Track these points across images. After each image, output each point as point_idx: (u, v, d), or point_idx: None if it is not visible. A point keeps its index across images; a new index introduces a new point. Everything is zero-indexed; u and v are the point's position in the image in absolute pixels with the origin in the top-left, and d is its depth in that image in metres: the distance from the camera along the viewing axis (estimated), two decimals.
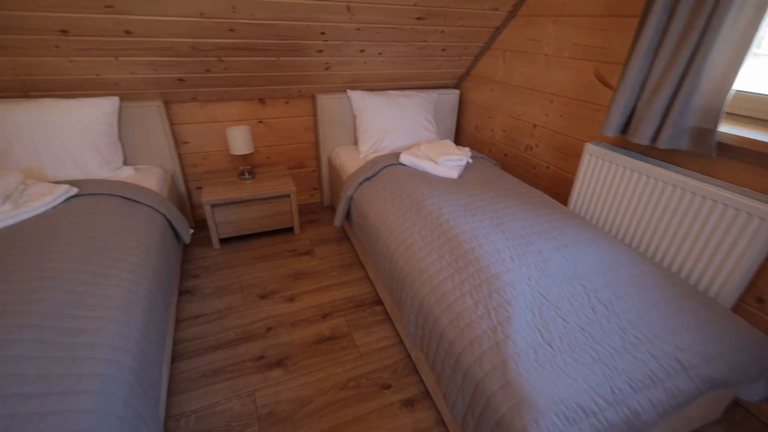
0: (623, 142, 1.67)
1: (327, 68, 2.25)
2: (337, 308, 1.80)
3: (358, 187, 2.00)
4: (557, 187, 2.07)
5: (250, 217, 2.23)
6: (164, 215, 1.73)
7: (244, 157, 2.28)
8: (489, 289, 1.16)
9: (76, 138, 1.79)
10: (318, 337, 1.63)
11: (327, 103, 2.42)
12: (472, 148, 2.73)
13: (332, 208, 2.75)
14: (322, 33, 1.97)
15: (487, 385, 0.96)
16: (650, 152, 1.57)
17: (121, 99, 2.01)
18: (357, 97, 2.39)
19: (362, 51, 2.19)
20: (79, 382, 0.87)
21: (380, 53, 2.25)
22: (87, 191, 1.60)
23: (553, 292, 1.15)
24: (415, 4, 1.92)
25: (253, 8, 1.71)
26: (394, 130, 2.37)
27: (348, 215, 2.10)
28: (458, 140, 2.92)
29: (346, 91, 2.47)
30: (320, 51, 2.09)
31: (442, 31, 2.18)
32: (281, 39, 1.93)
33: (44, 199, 1.46)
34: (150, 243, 1.48)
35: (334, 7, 1.82)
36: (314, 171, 2.76)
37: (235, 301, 1.82)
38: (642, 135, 1.40)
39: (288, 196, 2.25)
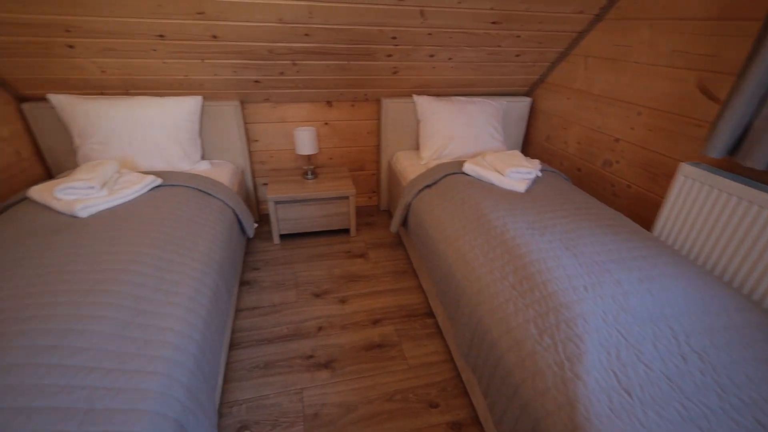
0: (729, 165, 1.45)
1: (395, 72, 2.24)
2: (387, 315, 1.77)
3: (417, 194, 1.96)
4: (640, 210, 1.86)
5: (310, 215, 2.29)
6: (233, 209, 1.84)
7: (308, 157, 2.35)
8: (557, 319, 1.06)
9: (164, 133, 1.96)
10: (367, 343, 1.62)
11: (392, 107, 2.41)
12: (541, 160, 2.56)
13: (389, 213, 2.75)
14: (393, 37, 1.96)
15: (549, 426, 0.87)
16: (764, 178, 1.34)
17: (204, 98, 2.17)
18: (423, 102, 2.36)
19: (432, 56, 2.15)
20: (150, 364, 0.93)
21: (450, 58, 2.19)
22: (169, 182, 1.74)
23: (634, 332, 1.02)
24: (491, 8, 1.84)
25: (329, 14, 1.74)
26: (458, 137, 2.30)
27: (405, 222, 2.07)
28: (527, 151, 2.76)
29: (411, 96, 2.44)
30: (389, 55, 2.09)
31: (518, 36, 2.07)
32: (353, 43, 1.95)
33: (134, 188, 1.61)
34: (219, 235, 1.56)
35: (408, 12, 1.80)
36: (374, 174, 2.77)
37: (290, 297, 1.87)
38: (758, 158, 1.19)
39: (347, 197, 2.28)
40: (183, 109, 2.01)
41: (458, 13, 1.85)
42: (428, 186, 1.96)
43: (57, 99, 1.88)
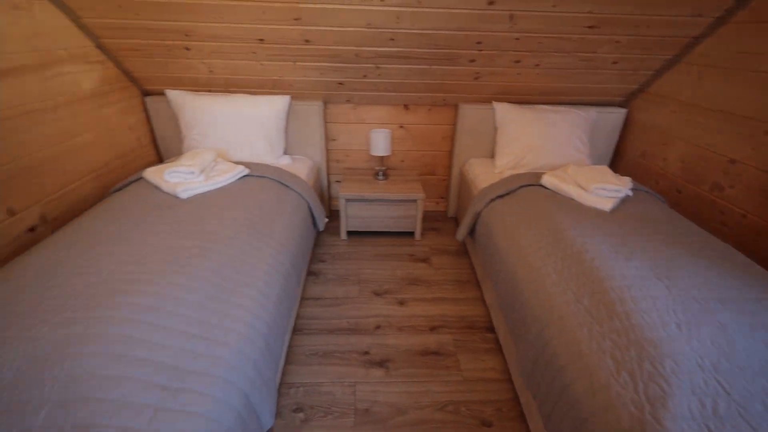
0: None
1: (476, 78, 2.20)
2: (446, 324, 1.74)
3: (489, 203, 1.89)
4: (756, 245, 1.59)
5: (378, 215, 2.33)
6: (308, 202, 1.94)
7: (381, 159, 2.41)
8: (639, 355, 0.95)
9: (255, 128, 2.15)
10: (423, 348, 1.61)
11: (469, 113, 2.36)
12: (633, 178, 2.31)
13: (456, 220, 2.69)
14: (478, 42, 1.92)
15: None
16: None
17: (292, 98, 2.33)
18: (503, 109, 2.27)
19: (517, 62, 2.06)
20: (226, 336, 1.02)
21: (537, 64, 2.08)
22: (255, 173, 1.90)
23: (739, 385, 0.87)
24: (589, 12, 1.72)
25: (416, 19, 1.77)
26: (538, 147, 2.17)
27: (472, 231, 2.02)
28: (616, 167, 2.52)
29: (491, 102, 2.37)
30: (473, 60, 2.05)
31: (618, 42, 1.90)
32: (436, 48, 1.95)
33: (226, 176, 1.78)
34: (293, 225, 1.67)
35: (497, 16, 1.75)
36: (444, 180, 2.74)
37: (352, 292, 1.93)
38: None
39: (415, 201, 2.29)
40: (273, 107, 2.18)
41: (551, 17, 1.75)
42: (501, 196, 1.88)
43: (172, 94, 2.16)
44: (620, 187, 1.72)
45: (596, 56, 2.01)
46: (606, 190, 1.71)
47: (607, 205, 1.65)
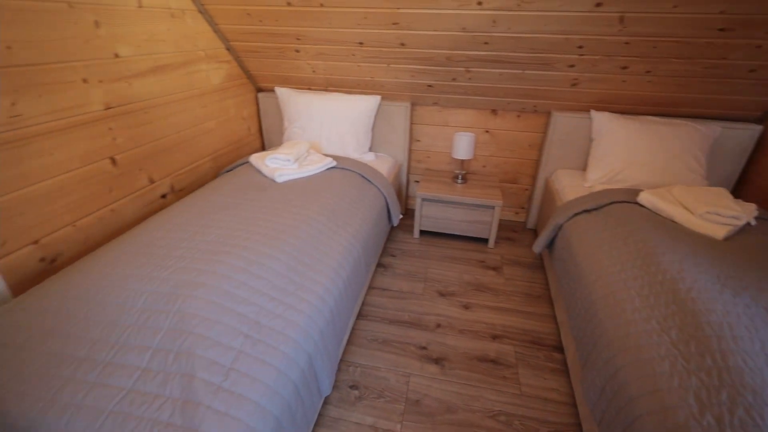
0: None
1: (574, 84, 2.07)
2: (509, 335, 1.68)
3: (572, 217, 1.78)
4: None
5: (452, 218, 2.34)
6: (385, 197, 2.04)
7: (462, 162, 2.40)
8: (732, 400, 0.83)
9: (346, 124, 2.32)
10: (481, 354, 1.58)
11: (562, 121, 2.24)
12: (760, 205, 1.96)
13: (535, 232, 2.56)
14: (580, 47, 1.81)
15: None
16: None
17: (382, 98, 2.45)
18: (602, 119, 2.10)
19: (624, 68, 1.90)
20: (299, 303, 1.15)
21: (648, 71, 1.89)
22: (341, 166, 2.06)
23: None
24: (721, 12, 1.52)
25: (513, 22, 1.74)
26: (640, 163, 1.97)
27: (551, 244, 1.91)
28: (739, 192, 2.16)
29: (589, 111, 2.21)
30: (571, 66, 1.94)
31: (759, 46, 1.64)
32: (533, 52, 1.90)
33: (316, 166, 1.97)
34: (369, 216, 1.77)
35: (605, 19, 1.64)
36: (527, 189, 2.62)
37: (417, 289, 1.97)
38: None
39: (493, 207, 2.24)
40: (364, 106, 2.33)
41: (670, 19, 1.59)
42: (587, 210, 1.76)
43: (281, 91, 2.44)
44: (739, 213, 1.48)
45: (726, 63, 1.76)
46: (720, 215, 1.49)
47: (719, 233, 1.44)
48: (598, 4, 1.59)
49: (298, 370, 1.01)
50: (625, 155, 2.00)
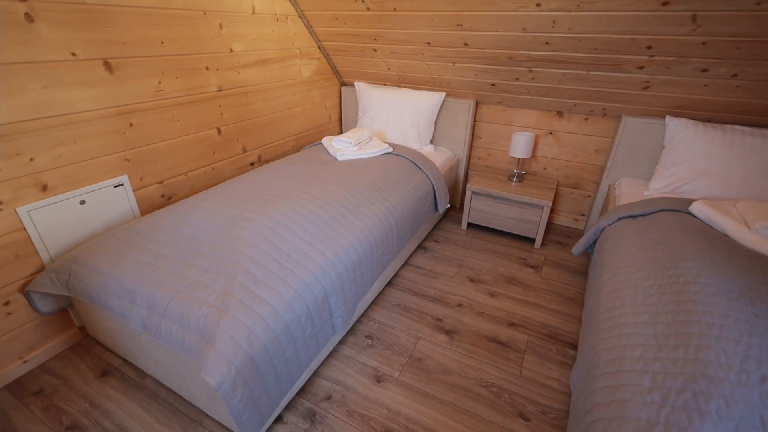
0: None
1: (645, 87, 1.97)
2: (527, 325, 1.72)
3: (616, 222, 1.73)
4: None
5: (500, 214, 2.39)
6: (433, 185, 2.21)
7: (519, 161, 2.43)
8: (685, 386, 0.84)
9: (410, 117, 2.54)
10: (492, 335, 1.66)
11: (633, 126, 2.13)
12: None
13: None
14: (649, 47, 1.75)
15: None
16: None
17: (447, 95, 2.61)
18: (677, 125, 1.96)
19: (704, 71, 1.76)
20: (325, 249, 1.42)
21: (735, 75, 1.72)
22: (395, 152, 2.29)
23: None
24: None
25: (573, 22, 1.77)
26: (715, 174, 1.79)
27: (593, 248, 1.87)
28: None
29: (664, 116, 2.06)
30: (641, 67, 1.87)
31: None
32: (596, 53, 1.88)
33: (373, 150, 2.23)
34: (409, 197, 1.97)
35: (674, 18, 1.58)
36: (588, 196, 2.52)
37: (449, 272, 2.10)
38: None
39: (541, 207, 2.24)
40: (429, 101, 2.52)
41: (754, 17, 1.46)
42: (633, 216, 1.69)
43: (359, 86, 2.77)
44: None
45: None
46: None
47: None
48: (665, 3, 1.54)
49: (312, 296, 1.28)
50: (698, 165, 1.84)
